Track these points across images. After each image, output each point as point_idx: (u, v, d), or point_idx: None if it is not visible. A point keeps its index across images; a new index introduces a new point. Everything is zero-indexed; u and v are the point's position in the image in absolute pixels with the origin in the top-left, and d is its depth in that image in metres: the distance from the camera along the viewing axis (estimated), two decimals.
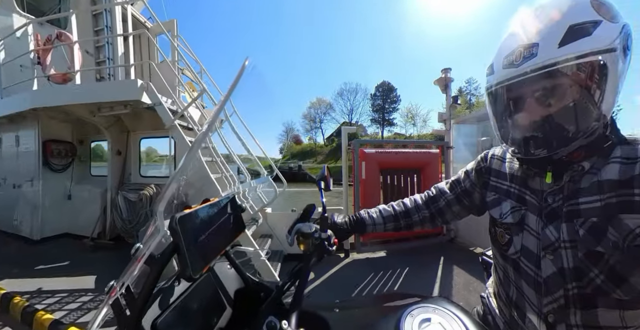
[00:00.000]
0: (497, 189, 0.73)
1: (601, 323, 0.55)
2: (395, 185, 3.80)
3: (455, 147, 4.43)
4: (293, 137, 67.71)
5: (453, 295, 2.57)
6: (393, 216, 0.91)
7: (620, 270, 0.51)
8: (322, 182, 0.96)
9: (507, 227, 0.67)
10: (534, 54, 0.51)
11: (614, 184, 0.52)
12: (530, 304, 0.64)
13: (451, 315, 0.56)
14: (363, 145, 3.72)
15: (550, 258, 0.58)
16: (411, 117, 53.84)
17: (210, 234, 0.66)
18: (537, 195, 0.62)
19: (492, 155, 0.80)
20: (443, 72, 4.17)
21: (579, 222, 0.54)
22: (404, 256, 3.45)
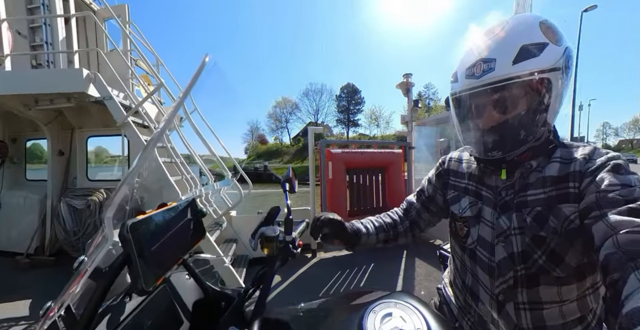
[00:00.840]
0: (456, 187, 0.81)
1: (543, 299, 0.63)
2: (361, 184, 3.89)
3: (417, 148, 4.65)
4: (258, 137, 66.31)
5: (415, 286, 2.76)
6: (384, 227, 0.92)
7: (558, 251, 0.59)
8: (287, 184, 0.95)
9: (465, 221, 0.75)
10: (492, 68, 0.59)
11: (555, 180, 0.61)
12: (484, 288, 0.71)
13: (411, 308, 0.58)
14: (329, 145, 3.75)
15: (502, 244, 0.66)
16: (375, 119, 55.92)
17: (167, 241, 0.60)
18: (493, 190, 0.70)
19: (450, 158, 0.88)
20: (405, 77, 4.36)
21: (527, 211, 0.62)
22: (369, 252, 3.52)
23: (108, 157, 6.42)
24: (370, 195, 4.03)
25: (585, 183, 0.55)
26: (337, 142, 4.29)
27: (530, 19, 0.63)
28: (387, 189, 4.17)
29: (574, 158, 0.60)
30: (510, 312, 0.66)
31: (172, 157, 2.93)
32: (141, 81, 3.69)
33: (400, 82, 4.37)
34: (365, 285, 2.76)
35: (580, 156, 0.60)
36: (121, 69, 3.25)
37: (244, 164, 4.58)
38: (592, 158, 0.58)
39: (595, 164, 0.56)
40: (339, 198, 3.55)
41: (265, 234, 0.72)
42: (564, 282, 0.61)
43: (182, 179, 2.89)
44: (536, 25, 0.60)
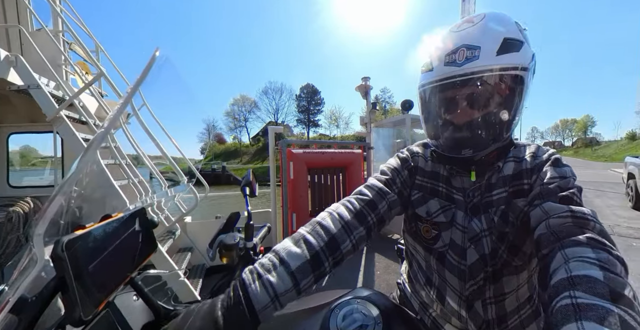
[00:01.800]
0: (422, 187, 0.74)
1: (505, 290, 0.66)
2: (322, 184, 3.93)
3: (375, 148, 4.84)
4: (215, 136, 63.41)
5: (375, 281, 2.88)
6: (310, 263, 0.55)
7: (517, 243, 0.63)
8: (247, 188, 0.92)
9: (434, 224, 0.70)
10: (477, 56, 0.55)
11: (511, 178, 0.64)
12: (452, 289, 0.70)
13: (371, 303, 0.59)
14: (290, 145, 3.73)
15: (474, 247, 0.65)
16: (335, 119, 57.23)
17: (111, 259, 0.53)
18: (462, 192, 0.68)
19: (415, 152, 0.79)
20: (363, 80, 4.50)
21: (493, 211, 0.64)
22: None
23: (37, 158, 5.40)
24: (332, 194, 4.08)
25: (534, 178, 0.62)
26: (298, 142, 4.25)
27: (506, 16, 0.61)
28: (348, 188, 4.27)
29: (524, 156, 0.65)
30: (479, 309, 0.67)
31: (117, 158, 2.61)
32: (77, 69, 3.13)
33: (359, 85, 4.50)
34: (328, 284, 2.79)
35: (528, 155, 0.65)
36: (51, 53, 2.75)
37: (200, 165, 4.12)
38: (538, 155, 0.65)
39: (540, 159, 0.63)
40: (301, 198, 3.54)
41: (224, 242, 0.69)
42: (521, 269, 0.66)
43: (129, 184, 2.57)
44: (514, 23, 0.59)
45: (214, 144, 60.03)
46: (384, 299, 0.62)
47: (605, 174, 17.12)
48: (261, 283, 0.50)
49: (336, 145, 4.32)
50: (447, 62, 0.58)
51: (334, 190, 4.10)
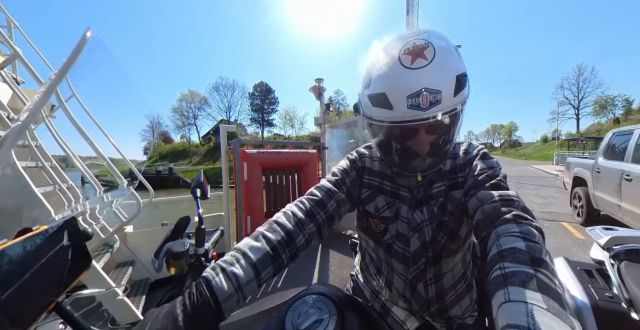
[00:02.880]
0: (370, 185, 0.81)
1: (443, 270, 0.76)
2: (277, 184, 3.88)
3: (330, 148, 4.93)
4: (161, 134, 58.37)
5: (329, 276, 2.95)
6: (270, 255, 0.60)
7: (454, 229, 0.73)
8: (198, 190, 0.87)
9: (382, 219, 0.78)
10: (439, 100, 0.56)
11: (448, 173, 0.74)
12: (398, 275, 0.79)
13: (326, 298, 0.60)
14: (244, 145, 3.60)
15: (417, 236, 0.73)
16: (289, 119, 56.64)
17: (31, 284, 0.45)
18: (407, 189, 0.76)
19: (362, 154, 0.85)
20: (317, 81, 4.55)
21: (433, 203, 0.73)
22: None
23: None
24: (287, 195, 4.05)
25: (467, 171, 0.71)
26: (252, 141, 4.11)
27: (449, 42, 0.61)
28: (303, 188, 4.29)
29: (458, 153, 0.75)
30: (421, 290, 0.77)
31: (39, 159, 2.19)
32: None
33: (313, 86, 4.54)
34: (284, 284, 2.77)
35: (461, 152, 0.75)
36: None
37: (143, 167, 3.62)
38: (469, 151, 0.74)
39: (471, 155, 0.73)
40: (255, 200, 3.45)
41: (172, 251, 0.64)
42: (456, 251, 0.76)
43: (56, 190, 2.17)
44: (456, 52, 0.61)
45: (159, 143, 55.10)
46: (338, 292, 0.64)
47: (526, 169, 20.76)
48: (225, 275, 0.52)
49: (291, 145, 4.31)
50: (411, 105, 0.57)
51: (290, 191, 4.08)
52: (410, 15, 4.21)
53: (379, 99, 0.61)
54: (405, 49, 0.58)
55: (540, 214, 5.78)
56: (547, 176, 14.66)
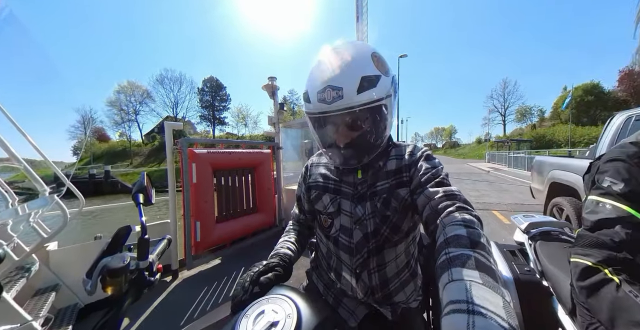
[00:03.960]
0: (317, 187, 0.92)
1: (386, 260, 0.82)
2: (230, 186, 3.72)
3: (284, 148, 4.89)
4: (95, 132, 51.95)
5: None
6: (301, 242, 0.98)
7: (397, 224, 0.79)
8: (141, 195, 0.79)
9: (329, 214, 0.86)
10: (341, 96, 0.67)
11: (393, 172, 0.80)
12: (345, 265, 0.85)
13: (281, 298, 0.60)
14: (192, 144, 3.36)
15: (359, 228, 0.80)
16: (242, 118, 54.42)
17: None
18: (351, 186, 0.84)
19: (311, 163, 1.00)
20: (270, 79, 4.47)
21: (377, 199, 0.79)
22: (240, 257, 3.44)
23: None
24: (240, 197, 3.91)
25: (412, 171, 0.78)
26: (202, 141, 3.85)
27: (364, 50, 0.73)
28: (258, 190, 4.18)
29: (403, 154, 0.82)
30: (365, 279, 0.83)
31: None
32: None
33: (266, 84, 4.45)
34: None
35: (407, 153, 0.82)
36: None
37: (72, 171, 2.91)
38: (414, 153, 0.82)
39: (416, 156, 0.80)
40: (206, 204, 3.24)
41: (109, 267, 0.56)
42: (399, 242, 0.82)
43: None
44: (370, 58, 0.71)
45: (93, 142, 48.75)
46: (293, 292, 0.65)
47: (464, 167, 24.06)
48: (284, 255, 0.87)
49: (244, 145, 4.16)
50: (319, 99, 0.70)
51: (243, 193, 3.95)
52: (360, 23, 4.39)
53: (305, 95, 0.75)
54: (324, 54, 0.73)
55: (475, 205, 6.52)
56: (481, 172, 17.30)
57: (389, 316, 0.85)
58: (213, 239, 3.33)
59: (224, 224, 3.57)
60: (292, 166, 5.71)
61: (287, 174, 5.18)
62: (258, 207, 4.19)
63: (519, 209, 6.26)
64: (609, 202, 0.74)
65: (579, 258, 0.73)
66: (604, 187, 0.77)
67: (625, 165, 0.76)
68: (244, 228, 3.83)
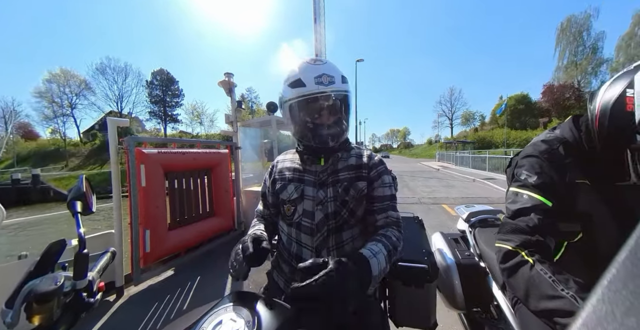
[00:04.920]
0: (282, 179, 1.02)
1: (344, 238, 0.94)
2: (184, 189, 3.49)
3: (243, 148, 4.73)
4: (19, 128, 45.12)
5: (243, 283, 2.77)
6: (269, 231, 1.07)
7: (354, 209, 0.94)
8: (79, 203, 0.70)
9: (292, 202, 0.96)
10: (333, 82, 0.88)
11: (354, 167, 0.98)
12: (306, 247, 0.94)
13: (240, 306, 0.58)
14: (141, 143, 3.07)
15: (320, 208, 0.92)
16: (197, 115, 51.27)
17: None
18: (313, 174, 0.97)
19: (277, 160, 1.11)
20: (226, 75, 4.29)
21: (339, 185, 0.94)
22: (196, 266, 3.24)
23: None
24: (196, 200, 3.69)
25: (373, 173, 0.97)
26: (152, 139, 3.54)
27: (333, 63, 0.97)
28: (215, 192, 3.99)
29: (363, 155, 1.02)
30: (324, 256, 0.89)
31: None
32: None
33: (222, 80, 4.27)
34: (191, 303, 2.46)
35: (365, 155, 1.02)
36: None
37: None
38: (372, 157, 1.01)
39: (374, 160, 1.00)
40: (157, 210, 2.97)
41: (36, 291, 0.47)
42: (355, 225, 0.96)
43: None
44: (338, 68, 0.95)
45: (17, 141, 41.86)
46: (252, 297, 0.64)
47: (417, 165, 26.78)
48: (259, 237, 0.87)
49: (199, 145, 3.94)
50: (317, 82, 0.87)
51: (199, 196, 3.74)
52: (318, 24, 4.43)
53: (295, 82, 0.89)
54: (309, 59, 0.95)
55: (427, 200, 7.67)
56: (432, 170, 19.22)
57: None
58: (165, 248, 3.08)
59: (178, 231, 3.33)
60: (252, 167, 5.55)
61: (246, 175, 5.02)
62: (215, 211, 4.00)
63: (465, 202, 7.11)
64: (525, 193, 0.84)
65: (502, 243, 0.81)
66: (522, 179, 0.86)
67: (538, 160, 0.86)
68: (200, 234, 3.62)
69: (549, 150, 0.87)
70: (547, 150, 0.87)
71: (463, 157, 20.19)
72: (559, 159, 0.84)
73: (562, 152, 0.85)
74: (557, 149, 0.86)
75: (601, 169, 0.82)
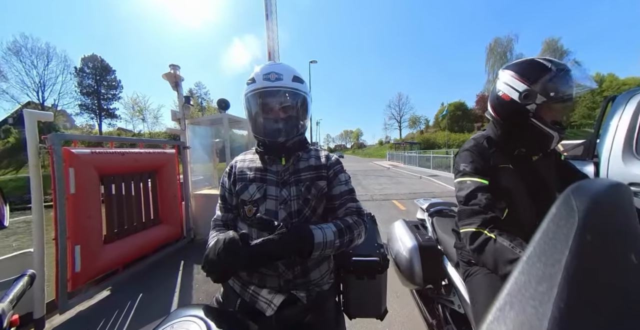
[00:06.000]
0: (243, 179, 1.01)
1: None
2: (123, 195, 3.10)
3: (192, 147, 4.43)
4: None
5: (193, 295, 2.66)
6: None
7: (316, 207, 0.98)
8: None
9: (254, 202, 0.96)
10: (281, 79, 0.94)
11: (314, 167, 1.02)
12: None
13: (189, 320, 0.57)
14: (69, 142, 2.66)
15: (283, 207, 0.94)
16: (139, 111, 45.86)
17: None
18: (275, 174, 0.99)
19: (236, 161, 1.10)
20: (172, 67, 3.97)
21: (301, 185, 0.97)
22: (137, 282, 2.91)
23: None
24: (138, 207, 3.32)
25: (330, 172, 1.03)
26: (84, 137, 3.04)
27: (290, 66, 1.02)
28: (160, 197, 3.65)
29: (321, 156, 1.07)
30: None
31: None
32: None
33: (167, 73, 3.94)
34: (131, 327, 2.15)
35: (323, 156, 1.08)
36: None
37: None
38: (329, 158, 1.07)
39: (332, 161, 1.06)
40: (90, 220, 2.57)
41: None
42: (317, 222, 0.97)
43: None
44: (296, 70, 1.01)
45: None
46: (201, 309, 0.62)
47: (370, 164, 28.58)
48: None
49: (142, 144, 3.55)
50: (264, 79, 0.93)
51: (141, 202, 3.37)
52: (270, 21, 4.34)
53: (250, 80, 0.97)
54: (271, 62, 0.97)
55: (379, 196, 8.29)
56: (383, 169, 20.67)
57: (304, 300, 0.94)
58: (100, 265, 2.68)
59: (116, 244, 2.94)
60: (202, 168, 5.22)
61: (196, 178, 4.72)
62: (161, 218, 3.67)
63: (412, 197, 7.89)
64: (467, 179, 1.02)
65: (466, 228, 0.95)
66: (461, 170, 1.05)
67: (469, 153, 1.08)
68: (143, 245, 3.26)
69: (476, 144, 1.11)
70: (475, 144, 1.11)
71: (410, 157, 21.84)
72: (484, 150, 1.08)
73: (486, 145, 1.09)
74: (482, 143, 1.11)
75: (519, 152, 1.07)
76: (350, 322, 1.22)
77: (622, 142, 1.89)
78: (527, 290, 0.21)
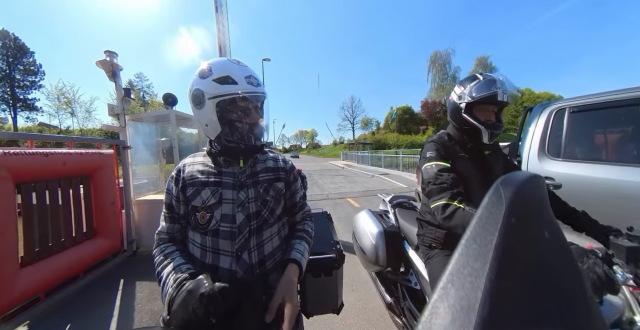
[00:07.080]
0: (194, 183, 0.94)
1: (264, 238, 0.96)
2: (48, 205, 2.59)
3: (134, 147, 3.95)
4: None
5: (135, 317, 2.36)
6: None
7: (274, 208, 0.99)
8: None
9: (208, 208, 0.90)
10: (259, 84, 0.93)
11: (272, 169, 1.04)
12: (225, 254, 0.90)
13: None
14: None
15: (241, 210, 0.92)
16: (67, 103, 38.90)
17: None
18: (232, 176, 0.96)
19: (184, 164, 1.01)
20: (107, 54, 3.45)
21: (259, 186, 0.98)
22: (65, 312, 2.44)
23: None
24: (67, 219, 2.79)
25: (290, 176, 1.08)
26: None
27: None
28: (95, 205, 3.15)
29: (278, 159, 1.10)
30: (246, 258, 0.90)
31: None
32: None
33: (102, 60, 3.42)
34: None
35: (280, 159, 1.10)
36: None
37: None
38: (286, 161, 1.12)
39: (290, 165, 1.11)
40: (1, 238, 2.10)
41: None
42: (274, 224, 1.00)
43: None
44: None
45: None
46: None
47: (325, 164, 29.33)
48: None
49: (72, 143, 3.04)
50: (248, 82, 0.90)
51: (71, 213, 2.85)
52: (220, 14, 4.06)
53: (224, 79, 0.88)
54: (230, 58, 0.96)
55: (334, 195, 8.53)
56: (338, 169, 21.26)
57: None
58: (13, 295, 2.20)
59: (37, 266, 2.43)
60: (146, 170, 4.66)
61: (139, 181, 4.21)
62: (97, 230, 3.18)
63: (366, 195, 8.26)
64: (434, 163, 1.21)
65: (437, 201, 1.11)
66: (427, 156, 1.25)
67: (434, 144, 1.29)
68: (72, 265, 2.74)
69: (439, 137, 1.35)
70: (438, 138, 1.35)
71: (363, 156, 22.76)
72: (445, 142, 1.31)
73: (446, 138, 1.33)
74: (444, 137, 1.35)
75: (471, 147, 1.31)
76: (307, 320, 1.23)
77: (538, 144, 2.37)
78: (465, 269, 0.24)
